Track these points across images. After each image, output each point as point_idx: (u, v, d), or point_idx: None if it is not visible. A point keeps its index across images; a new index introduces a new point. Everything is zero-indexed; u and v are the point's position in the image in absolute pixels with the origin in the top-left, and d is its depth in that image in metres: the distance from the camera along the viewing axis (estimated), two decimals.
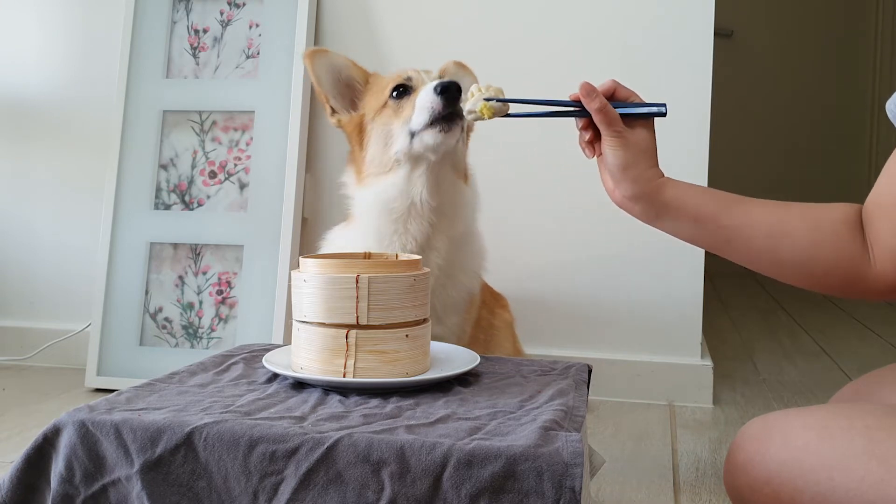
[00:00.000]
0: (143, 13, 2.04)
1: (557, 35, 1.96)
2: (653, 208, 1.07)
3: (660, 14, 1.91)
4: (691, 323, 1.93)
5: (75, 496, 0.86)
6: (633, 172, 1.07)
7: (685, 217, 1.06)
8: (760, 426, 0.93)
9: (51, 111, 2.18)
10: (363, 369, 0.99)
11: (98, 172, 2.08)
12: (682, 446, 1.60)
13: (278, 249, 1.90)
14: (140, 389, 1.00)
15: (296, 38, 1.97)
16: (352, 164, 1.43)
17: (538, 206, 1.97)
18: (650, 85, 1.92)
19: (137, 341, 1.94)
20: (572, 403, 0.96)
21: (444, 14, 2.01)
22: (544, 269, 1.98)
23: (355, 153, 1.42)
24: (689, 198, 1.06)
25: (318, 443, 0.82)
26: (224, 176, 1.98)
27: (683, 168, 1.88)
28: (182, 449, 0.84)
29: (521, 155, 1.98)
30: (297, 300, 1.03)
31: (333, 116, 1.45)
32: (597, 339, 1.96)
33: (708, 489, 1.38)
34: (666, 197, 1.06)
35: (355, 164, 1.42)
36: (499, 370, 1.13)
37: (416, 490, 0.79)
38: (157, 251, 1.98)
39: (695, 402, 1.90)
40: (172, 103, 2.01)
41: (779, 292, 3.76)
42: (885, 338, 2.74)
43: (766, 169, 4.77)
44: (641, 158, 1.07)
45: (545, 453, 0.78)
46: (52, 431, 0.88)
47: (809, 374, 2.23)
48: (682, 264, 1.91)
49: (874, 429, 0.84)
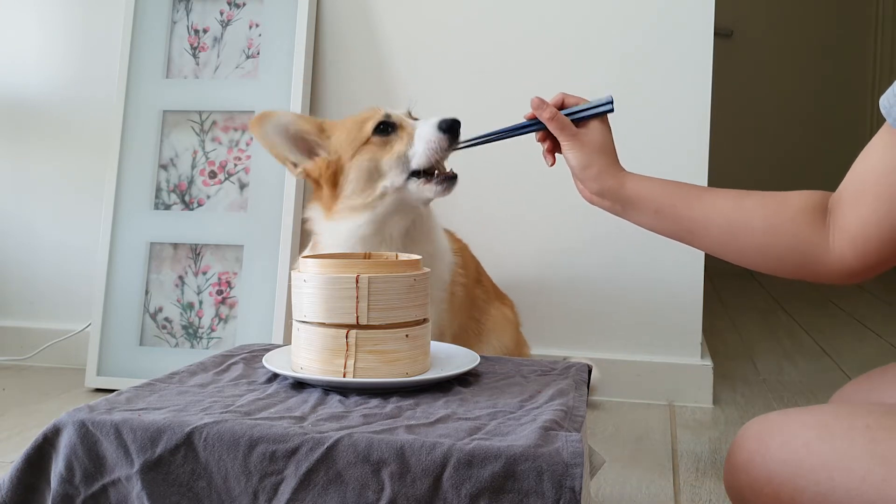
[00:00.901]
0: (143, 13, 2.04)
1: (557, 35, 1.96)
2: (618, 203, 1.14)
3: (660, 14, 1.92)
4: (691, 323, 1.93)
5: (75, 496, 0.86)
6: (593, 171, 1.14)
7: (647, 209, 1.11)
8: (760, 426, 0.93)
9: (51, 111, 2.18)
10: (363, 369, 0.99)
11: (98, 172, 2.08)
12: (682, 446, 1.60)
13: (278, 249, 1.90)
14: (140, 389, 1.00)
15: (296, 38, 1.97)
16: (318, 201, 1.43)
17: (537, 207, 1.97)
18: (650, 85, 1.93)
19: (137, 341, 1.94)
20: (572, 403, 0.96)
21: (444, 14, 2.01)
22: (544, 269, 1.98)
23: (324, 193, 1.41)
24: (649, 191, 1.11)
25: (318, 443, 0.82)
26: (224, 176, 1.98)
27: (683, 168, 1.90)
28: (182, 449, 0.84)
29: (521, 155, 1.98)
30: (297, 300, 1.03)
31: (297, 168, 1.42)
32: (597, 339, 1.96)
33: (708, 489, 1.38)
34: (627, 191, 1.12)
35: (322, 202, 1.41)
36: (499, 370, 1.13)
37: (416, 490, 0.79)
38: (157, 251, 1.98)
39: (695, 402, 1.90)
40: (172, 103, 2.01)
41: (779, 292, 3.76)
42: (884, 338, 2.74)
43: (765, 168, 4.77)
44: (598, 156, 1.14)
45: (545, 453, 0.78)
46: (52, 431, 0.88)
47: (809, 374, 2.23)
48: (682, 264, 1.91)
49: (875, 429, 0.84)
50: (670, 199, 1.10)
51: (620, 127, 1.94)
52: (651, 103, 1.91)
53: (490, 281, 1.75)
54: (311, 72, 2.01)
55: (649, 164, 1.92)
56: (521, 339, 1.75)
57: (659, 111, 1.91)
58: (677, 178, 1.15)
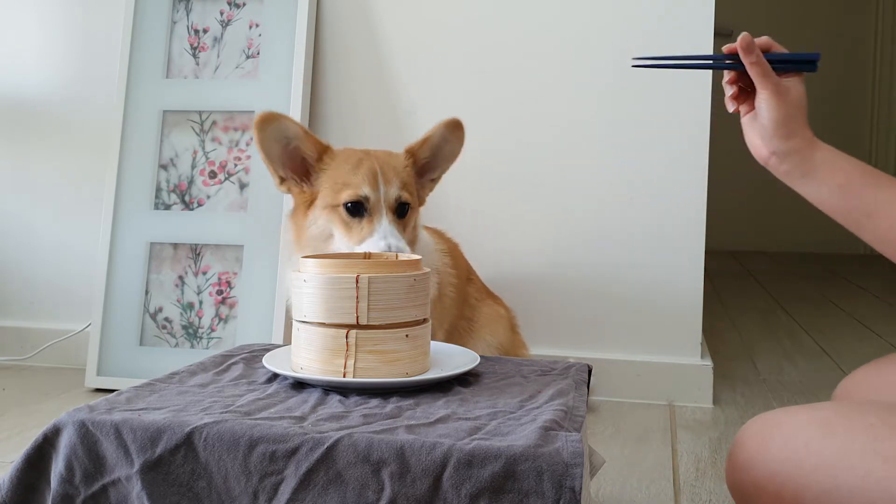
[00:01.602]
0: (143, 13, 2.04)
1: (557, 35, 1.96)
2: (801, 167, 1.04)
3: (660, 14, 1.91)
4: (691, 323, 1.93)
5: (75, 496, 0.86)
6: (788, 128, 1.04)
7: (833, 181, 1.03)
8: (762, 424, 0.93)
9: (51, 111, 2.18)
10: (363, 369, 0.99)
11: (98, 172, 2.08)
12: (682, 446, 1.60)
13: (278, 249, 1.90)
14: (140, 389, 1.00)
15: (296, 38, 1.97)
16: (292, 222, 1.43)
17: (537, 207, 1.97)
18: (650, 85, 1.93)
19: (137, 341, 1.94)
20: (572, 403, 0.96)
21: (444, 14, 2.01)
22: (544, 269, 1.98)
23: (298, 217, 1.41)
24: (841, 162, 1.03)
25: (318, 443, 0.82)
26: (224, 176, 1.98)
27: (683, 168, 1.90)
28: (182, 449, 0.84)
29: (520, 154, 1.98)
30: (298, 300, 1.03)
31: (283, 185, 1.42)
32: (597, 339, 1.96)
33: (708, 489, 1.38)
34: (817, 157, 1.04)
35: (296, 226, 1.42)
36: (499, 370, 1.13)
37: (416, 490, 0.79)
38: (157, 251, 1.98)
39: (695, 402, 1.90)
40: (172, 103, 2.01)
41: (779, 292, 3.76)
42: (884, 338, 2.74)
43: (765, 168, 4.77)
44: (796, 114, 1.05)
45: (545, 453, 0.78)
46: (52, 431, 0.88)
47: (809, 374, 2.23)
48: (682, 265, 1.91)
49: (877, 426, 0.84)
50: (860, 176, 1.02)
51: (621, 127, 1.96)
52: (651, 104, 1.90)
53: (480, 281, 1.76)
54: (311, 72, 2.01)
55: (649, 164, 1.93)
56: (518, 340, 1.75)
57: (659, 111, 1.91)
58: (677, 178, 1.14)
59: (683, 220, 1.91)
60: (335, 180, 1.37)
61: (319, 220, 1.38)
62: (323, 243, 1.38)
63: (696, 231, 1.91)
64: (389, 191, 1.36)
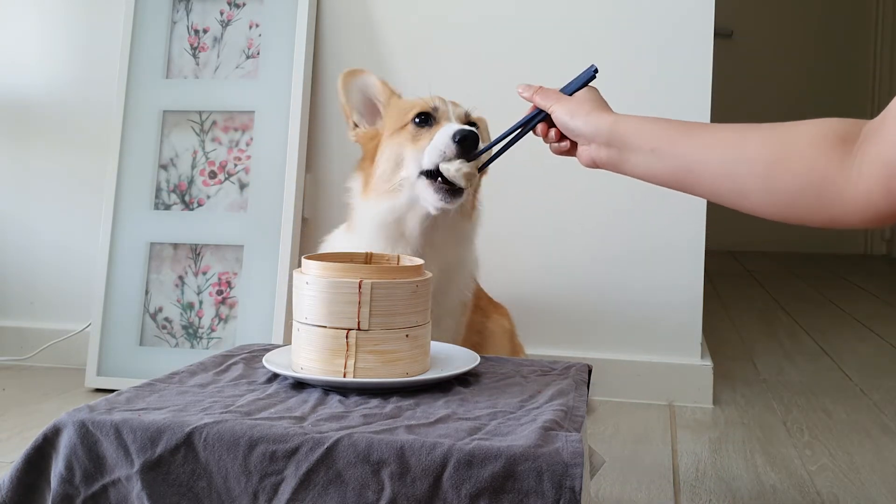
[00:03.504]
0: (143, 13, 2.04)
1: (557, 35, 1.96)
2: (613, 146, 1.05)
3: (660, 14, 1.92)
4: (691, 323, 1.93)
5: (75, 496, 0.86)
6: (581, 115, 1.09)
7: (644, 147, 1.02)
8: None
9: (51, 111, 2.18)
10: (363, 369, 0.99)
11: (98, 172, 2.08)
12: (682, 446, 1.60)
13: (278, 249, 1.90)
14: (140, 389, 1.00)
15: (296, 38, 1.97)
16: (360, 172, 1.42)
17: (537, 207, 1.97)
18: (650, 85, 1.93)
19: (137, 341, 1.94)
20: (572, 403, 0.96)
21: (444, 14, 2.01)
22: (544, 269, 1.98)
23: (366, 164, 1.41)
24: (648, 126, 1.03)
25: (318, 443, 0.82)
26: (224, 176, 1.98)
27: None
28: (182, 449, 0.84)
29: (519, 157, 1.98)
30: (298, 301, 1.03)
31: (354, 131, 1.45)
32: (597, 339, 1.96)
33: (708, 489, 1.38)
34: (621, 128, 1.04)
35: (364, 174, 1.41)
36: (499, 370, 1.13)
37: (416, 490, 0.79)
38: (157, 251, 1.98)
39: (695, 402, 1.90)
40: (172, 103, 2.01)
41: (779, 292, 3.76)
42: (884, 338, 2.74)
43: None
44: (585, 102, 1.10)
45: (545, 453, 0.78)
46: (52, 431, 0.88)
47: (809, 375, 2.23)
48: (682, 264, 1.91)
49: None
50: (667, 134, 1.00)
51: None
52: (651, 103, 1.91)
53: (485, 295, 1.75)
54: (311, 72, 2.01)
55: None
56: (516, 344, 1.74)
57: (659, 111, 1.89)
58: None
59: (683, 221, 1.91)
60: (401, 108, 1.39)
61: (387, 149, 1.37)
62: (393, 175, 1.35)
63: (696, 231, 1.91)
64: (457, 108, 1.39)
